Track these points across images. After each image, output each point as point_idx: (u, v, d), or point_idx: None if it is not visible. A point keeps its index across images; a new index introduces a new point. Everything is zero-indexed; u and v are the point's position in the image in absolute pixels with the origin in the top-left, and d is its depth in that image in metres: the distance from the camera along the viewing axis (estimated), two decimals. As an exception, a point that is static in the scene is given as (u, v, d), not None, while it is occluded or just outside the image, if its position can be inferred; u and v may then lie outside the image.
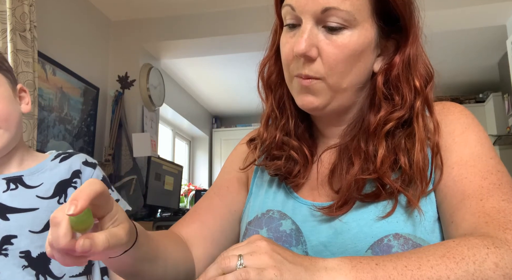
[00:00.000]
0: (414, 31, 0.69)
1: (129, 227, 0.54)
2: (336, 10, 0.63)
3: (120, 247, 0.53)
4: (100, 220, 0.53)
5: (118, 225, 0.52)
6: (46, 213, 0.98)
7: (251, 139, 0.84)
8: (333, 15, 0.64)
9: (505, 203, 0.59)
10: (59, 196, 1.03)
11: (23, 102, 1.06)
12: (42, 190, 1.02)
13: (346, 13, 0.64)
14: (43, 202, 1.00)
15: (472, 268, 0.49)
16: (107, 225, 0.52)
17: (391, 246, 0.62)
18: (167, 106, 4.26)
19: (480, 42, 3.96)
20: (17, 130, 1.02)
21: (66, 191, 1.04)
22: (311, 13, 0.65)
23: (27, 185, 1.01)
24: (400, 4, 0.66)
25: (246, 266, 0.46)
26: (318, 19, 0.65)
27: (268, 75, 0.77)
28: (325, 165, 0.74)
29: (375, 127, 0.67)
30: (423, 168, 0.65)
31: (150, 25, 3.49)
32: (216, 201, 0.82)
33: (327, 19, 0.64)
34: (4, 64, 1.03)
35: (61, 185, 1.04)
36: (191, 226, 0.79)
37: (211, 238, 0.78)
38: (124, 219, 0.54)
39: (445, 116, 0.70)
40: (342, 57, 0.65)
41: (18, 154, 1.05)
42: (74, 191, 1.03)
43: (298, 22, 0.67)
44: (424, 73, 0.70)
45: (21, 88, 1.06)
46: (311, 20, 0.65)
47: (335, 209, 0.66)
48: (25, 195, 1.00)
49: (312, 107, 0.69)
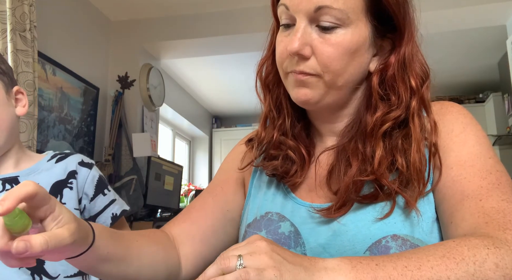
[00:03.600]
0: (409, 31, 0.69)
1: (74, 228, 0.53)
2: (329, 8, 0.64)
3: (68, 248, 0.52)
4: (43, 222, 0.52)
5: (62, 226, 0.52)
6: None
7: (250, 139, 0.84)
8: (326, 14, 0.64)
9: (504, 203, 0.59)
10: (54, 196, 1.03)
11: (20, 105, 1.05)
12: None
13: (339, 12, 0.64)
14: None
15: (472, 268, 0.49)
16: (51, 227, 0.52)
17: (389, 247, 0.62)
18: (167, 106, 4.26)
19: (480, 42, 3.96)
20: (9, 133, 1.01)
21: (62, 191, 1.04)
22: (305, 12, 0.65)
23: None
24: (393, 3, 0.66)
25: (245, 266, 0.46)
26: (312, 18, 0.65)
27: (266, 75, 0.78)
28: (323, 166, 0.74)
29: (372, 128, 0.67)
30: (420, 169, 0.64)
31: (150, 25, 3.49)
32: (209, 200, 0.82)
33: (320, 18, 0.65)
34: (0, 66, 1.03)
35: (57, 186, 1.04)
36: (182, 224, 0.79)
37: (201, 236, 0.78)
38: (70, 220, 0.53)
39: (443, 116, 0.69)
40: (336, 55, 0.65)
41: (14, 155, 1.05)
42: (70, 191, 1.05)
43: (292, 22, 0.68)
44: (420, 72, 0.70)
45: (17, 90, 1.06)
46: (304, 19, 0.66)
47: (333, 211, 0.66)
48: None
49: (305, 99, 0.69)
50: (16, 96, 1.06)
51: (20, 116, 1.06)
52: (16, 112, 1.04)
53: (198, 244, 0.78)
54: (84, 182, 1.08)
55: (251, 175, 0.82)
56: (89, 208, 1.09)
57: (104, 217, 1.09)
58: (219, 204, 0.81)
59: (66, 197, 1.04)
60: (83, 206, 1.08)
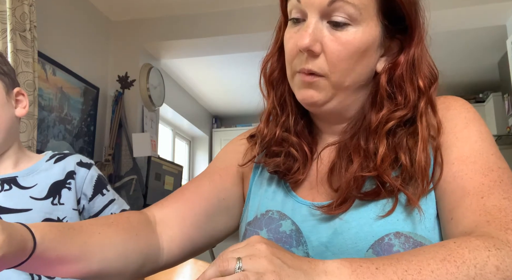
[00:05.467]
0: (419, 32, 0.68)
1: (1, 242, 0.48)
2: (343, 2, 0.63)
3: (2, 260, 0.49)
4: None
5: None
6: (39, 214, 0.99)
7: (252, 135, 0.83)
8: (340, 9, 0.64)
9: (506, 201, 0.58)
10: (53, 197, 1.03)
11: (20, 106, 1.06)
12: (36, 191, 1.02)
13: (353, 7, 0.63)
14: (36, 203, 1.01)
15: (473, 272, 0.49)
16: None
17: (392, 245, 0.61)
18: (167, 106, 4.26)
19: (480, 42, 3.96)
20: (7, 134, 1.02)
21: (60, 192, 1.04)
22: (317, 5, 0.64)
23: (21, 186, 1.02)
24: (406, 3, 0.66)
25: (244, 269, 0.46)
26: (324, 13, 0.65)
27: (271, 71, 0.77)
28: (325, 163, 0.74)
29: (377, 125, 0.67)
30: (425, 168, 0.64)
31: (150, 25, 3.49)
32: (205, 184, 0.79)
33: (332, 13, 0.64)
34: (1, 67, 1.03)
35: (55, 186, 1.04)
36: (172, 205, 0.76)
37: (192, 219, 0.75)
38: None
39: (447, 111, 0.69)
40: (345, 54, 0.65)
41: (13, 155, 1.05)
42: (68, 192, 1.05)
43: (303, 17, 0.67)
44: (428, 74, 0.70)
45: (18, 91, 1.06)
46: (316, 14, 0.65)
47: (334, 207, 0.66)
48: (19, 196, 1.00)
49: (312, 102, 0.69)
50: (17, 97, 1.06)
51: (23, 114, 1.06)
52: (16, 113, 1.05)
53: (189, 226, 0.74)
54: (82, 183, 1.08)
55: (252, 172, 0.81)
56: (88, 208, 1.09)
57: None
58: (216, 190, 0.78)
59: (64, 198, 1.04)
60: (82, 206, 1.08)
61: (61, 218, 1.02)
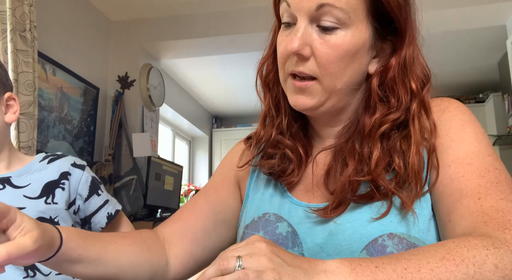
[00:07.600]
0: (411, 33, 0.68)
1: (37, 235, 0.55)
2: (331, 7, 0.64)
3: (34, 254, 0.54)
4: (6, 232, 0.55)
5: (25, 234, 0.54)
6: (33, 213, 0.99)
7: (249, 137, 0.84)
8: (328, 13, 0.64)
9: (503, 202, 0.58)
10: (46, 196, 1.04)
11: (11, 111, 1.05)
12: (30, 190, 1.03)
13: (341, 11, 0.64)
14: (30, 201, 1.01)
15: (472, 270, 0.49)
16: (14, 235, 0.54)
17: (386, 246, 0.62)
18: (167, 106, 4.26)
19: (480, 42, 3.96)
20: None
21: (53, 191, 1.05)
22: (306, 10, 0.65)
23: (15, 186, 1.03)
24: (395, 6, 0.66)
25: (244, 268, 0.46)
26: (313, 18, 0.65)
27: (266, 73, 0.78)
28: (320, 166, 0.74)
29: (370, 129, 0.67)
30: (418, 171, 0.64)
31: (150, 25, 3.49)
32: (201, 201, 0.83)
33: (321, 18, 0.65)
34: None
35: (49, 186, 1.05)
36: (173, 225, 0.81)
37: (191, 236, 0.79)
38: (33, 227, 0.55)
39: (442, 113, 0.69)
40: (335, 57, 0.65)
41: (6, 158, 1.06)
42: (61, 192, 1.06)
43: (293, 21, 0.68)
44: (421, 75, 0.70)
45: (9, 96, 1.05)
46: (305, 19, 0.66)
47: (329, 211, 0.66)
48: (12, 195, 1.01)
49: (305, 108, 0.69)
50: (8, 102, 1.05)
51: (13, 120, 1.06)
52: (6, 119, 1.04)
53: (188, 243, 0.79)
54: (77, 183, 1.09)
55: (249, 176, 0.82)
56: (83, 208, 1.10)
57: (99, 217, 1.11)
58: (211, 204, 0.82)
59: (57, 197, 1.05)
60: (78, 207, 1.09)
61: (53, 217, 1.03)
